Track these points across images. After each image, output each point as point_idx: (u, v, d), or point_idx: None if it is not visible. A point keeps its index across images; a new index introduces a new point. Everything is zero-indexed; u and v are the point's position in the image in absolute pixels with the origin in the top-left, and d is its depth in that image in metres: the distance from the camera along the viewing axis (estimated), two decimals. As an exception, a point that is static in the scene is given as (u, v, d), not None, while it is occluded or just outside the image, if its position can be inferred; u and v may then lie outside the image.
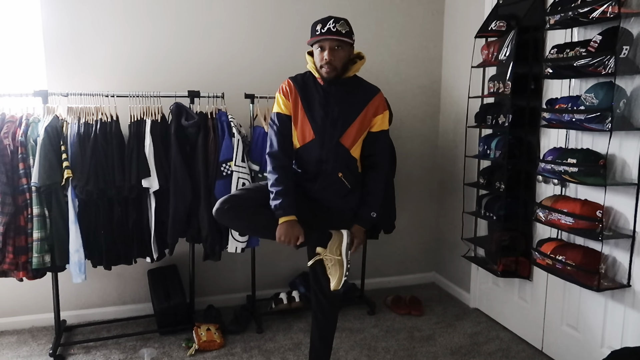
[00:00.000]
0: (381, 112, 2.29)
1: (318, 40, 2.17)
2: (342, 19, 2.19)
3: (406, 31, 3.71)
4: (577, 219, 2.39)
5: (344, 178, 2.26)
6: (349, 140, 2.24)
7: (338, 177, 2.26)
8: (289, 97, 2.26)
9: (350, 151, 2.26)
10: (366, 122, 2.26)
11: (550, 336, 2.87)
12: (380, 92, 2.31)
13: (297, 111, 2.26)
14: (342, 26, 2.17)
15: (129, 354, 2.88)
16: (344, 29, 2.17)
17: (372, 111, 2.26)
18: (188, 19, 3.25)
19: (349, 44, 2.20)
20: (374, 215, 2.32)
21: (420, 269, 4.03)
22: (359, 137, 2.26)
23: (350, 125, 2.23)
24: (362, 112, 2.24)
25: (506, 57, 2.78)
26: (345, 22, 2.20)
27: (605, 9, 2.17)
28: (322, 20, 2.19)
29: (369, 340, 3.08)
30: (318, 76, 2.23)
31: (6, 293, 3.12)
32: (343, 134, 2.23)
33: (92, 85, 3.04)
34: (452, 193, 3.72)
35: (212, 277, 3.47)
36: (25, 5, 3.03)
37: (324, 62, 2.16)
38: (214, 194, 2.87)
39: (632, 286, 2.33)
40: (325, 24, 2.16)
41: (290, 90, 2.26)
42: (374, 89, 2.31)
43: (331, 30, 2.14)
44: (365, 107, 2.25)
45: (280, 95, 2.29)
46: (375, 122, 2.28)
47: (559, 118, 2.44)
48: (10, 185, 2.65)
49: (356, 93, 2.26)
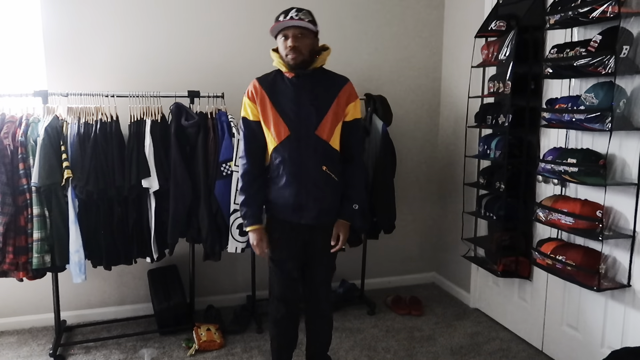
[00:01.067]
0: (353, 100, 2.28)
1: (281, 29, 2.16)
2: (304, 9, 2.20)
3: (406, 31, 3.70)
4: (577, 219, 2.39)
5: (328, 170, 2.24)
6: (325, 131, 2.22)
7: (323, 170, 2.23)
8: (255, 100, 2.25)
9: (330, 143, 2.24)
10: (340, 111, 2.25)
11: (550, 336, 2.87)
12: (349, 81, 2.30)
13: (267, 111, 2.23)
14: (305, 15, 2.17)
15: (129, 354, 2.88)
16: (306, 18, 2.17)
17: (344, 99, 2.25)
18: (188, 19, 3.26)
19: (312, 32, 2.19)
20: (355, 208, 2.32)
21: (420, 269, 4.03)
22: (335, 127, 2.24)
23: (325, 116, 2.21)
24: (335, 101, 2.23)
25: (506, 57, 2.78)
26: (308, 12, 2.20)
27: (605, 9, 2.17)
28: (284, 10, 2.19)
29: (369, 340, 3.08)
30: (285, 70, 2.21)
31: (6, 293, 3.12)
32: (318, 126, 2.20)
33: (92, 85, 3.04)
34: (452, 193, 3.72)
35: (212, 277, 3.47)
36: (25, 6, 3.03)
37: (288, 50, 2.15)
38: (214, 194, 2.88)
39: (632, 286, 2.33)
40: (287, 13, 2.16)
41: (256, 92, 2.25)
42: (343, 78, 2.30)
43: (293, 18, 2.14)
44: (337, 96, 2.23)
45: (246, 99, 2.28)
46: (348, 110, 2.27)
47: (559, 118, 2.44)
48: (10, 186, 2.65)
49: (326, 83, 2.25)
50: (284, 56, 2.19)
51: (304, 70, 2.20)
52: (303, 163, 2.21)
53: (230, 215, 2.88)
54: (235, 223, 2.88)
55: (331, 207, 2.31)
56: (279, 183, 2.25)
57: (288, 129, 2.20)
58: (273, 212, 2.33)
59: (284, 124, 2.20)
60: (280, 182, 2.25)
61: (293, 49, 2.14)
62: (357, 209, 2.32)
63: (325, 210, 2.28)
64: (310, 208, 2.25)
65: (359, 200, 2.33)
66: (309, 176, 2.22)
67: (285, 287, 2.38)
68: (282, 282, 2.38)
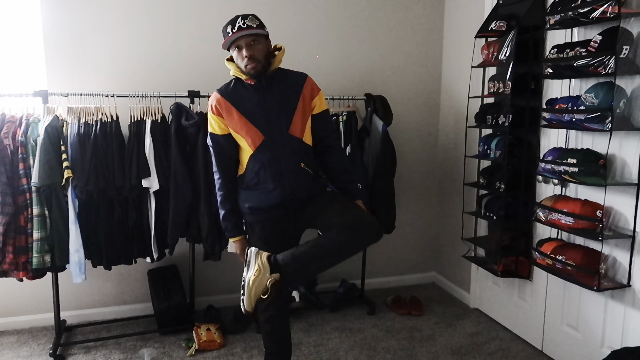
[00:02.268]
0: (317, 93, 2.30)
1: (232, 40, 2.17)
2: (249, 14, 2.19)
3: (406, 31, 3.71)
4: (577, 219, 2.39)
5: (306, 167, 2.25)
6: (297, 129, 2.23)
7: (301, 167, 2.24)
8: (221, 114, 2.23)
9: (303, 139, 2.26)
10: (307, 106, 2.27)
11: (550, 336, 2.87)
12: (308, 76, 2.32)
13: (236, 121, 2.22)
14: (252, 21, 2.17)
15: (129, 354, 2.88)
16: (254, 23, 2.17)
17: (309, 94, 2.27)
18: (188, 19, 3.25)
19: (263, 36, 2.20)
20: (360, 187, 2.38)
21: (420, 269, 4.03)
22: (305, 124, 2.26)
23: (294, 114, 2.22)
24: (300, 98, 2.24)
25: (506, 57, 2.78)
26: (254, 17, 2.20)
27: (605, 9, 2.16)
28: (230, 21, 2.19)
29: (369, 340, 3.08)
30: (245, 77, 2.22)
31: (6, 293, 3.12)
32: (290, 125, 2.21)
33: (92, 85, 3.04)
34: (452, 193, 3.72)
35: (212, 277, 3.47)
36: (25, 5, 3.03)
37: (246, 60, 2.16)
38: (214, 194, 2.87)
39: (632, 286, 2.33)
40: (234, 23, 2.16)
41: (220, 106, 2.23)
42: (301, 74, 2.32)
43: (242, 27, 2.14)
44: (301, 93, 2.25)
45: (211, 115, 2.27)
46: (315, 103, 2.29)
47: (559, 118, 2.44)
48: (10, 185, 2.65)
49: (287, 82, 2.26)
50: (243, 67, 2.19)
51: (264, 75, 2.21)
52: (283, 164, 2.21)
53: (230, 215, 2.88)
54: (235, 223, 2.88)
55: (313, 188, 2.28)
56: (262, 189, 2.23)
57: (262, 134, 2.20)
58: (254, 216, 2.29)
59: (257, 129, 2.20)
60: (263, 187, 2.23)
61: (250, 58, 2.15)
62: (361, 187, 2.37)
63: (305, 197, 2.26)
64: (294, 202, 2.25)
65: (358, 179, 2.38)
66: (290, 175, 2.22)
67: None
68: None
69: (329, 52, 3.51)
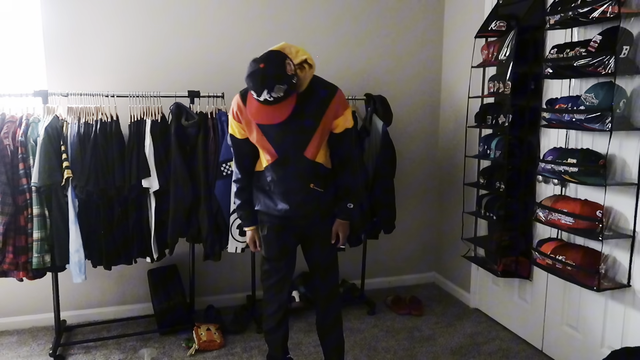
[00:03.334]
0: (341, 114, 2.19)
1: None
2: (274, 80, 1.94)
3: (406, 31, 3.70)
4: (577, 219, 2.39)
5: (315, 187, 2.26)
6: (312, 151, 2.21)
7: (310, 188, 2.25)
8: (240, 120, 2.21)
9: (316, 160, 2.24)
10: (327, 128, 2.20)
11: (550, 336, 2.87)
12: (337, 92, 2.19)
13: (254, 133, 2.20)
14: (278, 91, 1.95)
15: (129, 354, 2.88)
16: (280, 92, 1.95)
17: (332, 116, 2.18)
18: (188, 18, 3.26)
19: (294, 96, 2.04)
20: (350, 207, 2.34)
21: (420, 269, 4.03)
22: (322, 144, 2.23)
23: (313, 136, 2.17)
24: (322, 121, 2.16)
25: (506, 57, 2.78)
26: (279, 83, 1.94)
27: (605, 9, 2.16)
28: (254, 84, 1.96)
29: (369, 340, 3.08)
30: None
31: (6, 293, 3.13)
32: (306, 147, 2.18)
33: (92, 85, 3.04)
34: (452, 193, 3.72)
35: (212, 277, 3.47)
36: (25, 6, 3.03)
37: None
38: (214, 194, 2.88)
39: (632, 286, 2.33)
40: (258, 92, 1.96)
41: (241, 113, 2.19)
42: (330, 91, 2.17)
43: (268, 101, 1.97)
44: (324, 115, 2.15)
45: (231, 119, 2.25)
46: (337, 123, 2.21)
47: (559, 118, 2.44)
48: (11, 185, 2.65)
49: (312, 103, 2.13)
50: None
51: None
52: (291, 184, 2.24)
53: (230, 215, 2.88)
54: (235, 223, 2.89)
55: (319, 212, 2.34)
56: (270, 196, 2.30)
57: (275, 153, 2.20)
58: (264, 217, 2.37)
59: (271, 147, 2.19)
60: (271, 196, 2.30)
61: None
62: (353, 207, 2.35)
63: (313, 217, 2.34)
64: (299, 219, 2.32)
65: (354, 200, 2.35)
66: (297, 195, 2.25)
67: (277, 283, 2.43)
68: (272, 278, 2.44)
69: (329, 52, 3.51)
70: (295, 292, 3.40)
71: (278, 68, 1.96)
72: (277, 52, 2.05)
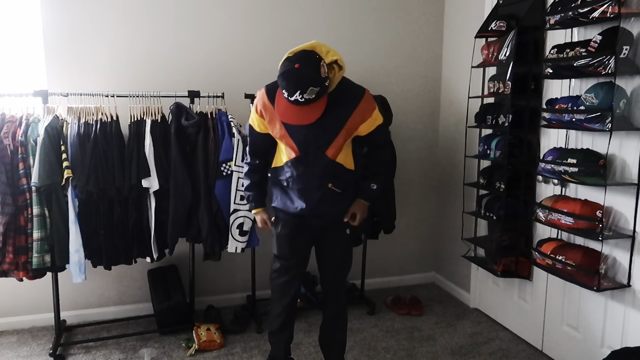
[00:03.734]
0: (368, 117, 2.20)
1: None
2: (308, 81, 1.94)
3: (406, 31, 3.70)
4: (577, 219, 2.39)
5: (333, 187, 2.26)
6: (335, 151, 2.21)
7: (328, 188, 2.25)
8: (264, 117, 2.22)
9: (336, 160, 2.24)
10: (352, 130, 2.20)
11: (550, 336, 2.87)
12: (365, 93, 2.19)
13: (277, 130, 2.20)
14: (310, 93, 1.95)
15: (129, 354, 2.88)
16: (312, 94, 1.96)
17: (359, 119, 2.17)
18: (188, 19, 3.25)
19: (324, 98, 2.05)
20: (374, 187, 2.34)
21: (420, 269, 4.03)
22: (343, 145, 2.23)
23: (336, 137, 2.17)
24: (347, 123, 2.16)
25: (506, 57, 2.78)
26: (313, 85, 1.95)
27: (605, 9, 2.16)
28: (287, 84, 1.97)
29: (369, 340, 3.08)
30: None
31: (6, 293, 3.12)
32: (328, 147, 2.19)
33: (92, 85, 3.04)
34: (452, 193, 3.72)
35: (212, 277, 3.47)
36: (25, 5, 3.03)
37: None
38: (214, 194, 2.88)
39: (632, 286, 2.33)
40: (291, 93, 1.97)
41: (265, 109, 2.20)
42: (357, 93, 2.17)
43: (299, 102, 1.98)
44: (351, 117, 2.15)
45: (254, 113, 2.26)
46: (363, 127, 2.21)
47: (559, 118, 2.44)
48: (10, 185, 2.65)
49: (339, 103, 2.13)
50: None
51: None
52: (310, 182, 2.24)
53: (230, 215, 2.88)
54: (235, 223, 2.88)
55: (335, 213, 2.34)
56: (287, 193, 2.31)
57: (298, 150, 2.20)
58: (280, 214, 2.38)
59: (294, 144, 2.19)
60: (288, 193, 2.31)
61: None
62: (376, 188, 2.34)
63: (329, 218, 2.34)
64: (314, 218, 2.32)
65: (378, 181, 2.35)
66: (315, 193, 2.25)
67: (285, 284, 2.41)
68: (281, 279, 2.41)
69: (329, 52, 3.51)
70: None
71: (313, 70, 1.96)
72: (312, 52, 2.04)
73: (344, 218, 2.34)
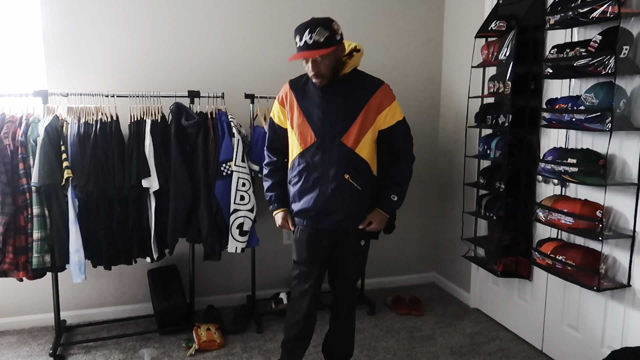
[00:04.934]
0: (386, 105, 2.22)
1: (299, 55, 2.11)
2: (318, 23, 2.07)
3: (406, 31, 3.71)
4: (577, 219, 2.39)
5: (351, 179, 2.21)
6: (351, 139, 2.19)
7: (344, 179, 2.20)
8: (285, 105, 2.30)
9: (356, 151, 2.21)
10: (369, 119, 2.20)
11: (550, 336, 2.87)
12: (383, 85, 2.24)
13: (295, 115, 2.26)
14: (320, 34, 2.05)
15: (129, 354, 2.88)
16: (321, 37, 2.05)
17: (375, 107, 2.20)
18: (188, 19, 3.26)
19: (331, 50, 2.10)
20: (394, 199, 2.31)
21: (420, 269, 4.03)
22: (362, 136, 2.20)
23: (352, 125, 2.18)
24: (364, 110, 2.18)
25: (506, 57, 2.78)
26: (323, 27, 2.07)
27: (605, 9, 2.16)
28: (298, 29, 2.09)
29: (369, 340, 3.08)
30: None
31: (6, 293, 3.12)
32: (344, 134, 2.18)
33: (92, 85, 3.05)
34: (452, 193, 3.72)
35: (212, 277, 3.47)
36: (25, 6, 3.03)
37: (311, 75, 2.15)
38: (214, 194, 2.88)
39: (632, 286, 2.33)
40: (301, 35, 2.07)
41: (286, 98, 2.29)
42: (375, 83, 2.24)
43: (308, 44, 2.05)
44: (367, 104, 2.19)
45: (276, 104, 2.35)
46: (382, 117, 2.22)
47: (559, 118, 2.44)
48: (10, 185, 2.65)
49: (356, 90, 2.20)
50: (310, 76, 2.18)
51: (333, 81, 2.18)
52: (326, 169, 2.21)
53: (230, 215, 2.88)
54: (235, 223, 2.88)
55: (351, 216, 2.28)
56: (301, 187, 2.27)
57: (315, 136, 2.21)
58: (297, 219, 2.34)
59: (311, 130, 2.21)
60: (302, 186, 2.27)
61: (315, 74, 2.14)
62: (396, 200, 2.31)
63: (344, 219, 2.26)
64: (328, 214, 2.25)
65: (399, 192, 2.32)
66: (329, 184, 2.21)
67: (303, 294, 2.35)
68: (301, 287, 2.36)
69: (329, 52, 3.51)
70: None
71: (325, 20, 2.12)
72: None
73: (360, 225, 2.29)
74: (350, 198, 2.24)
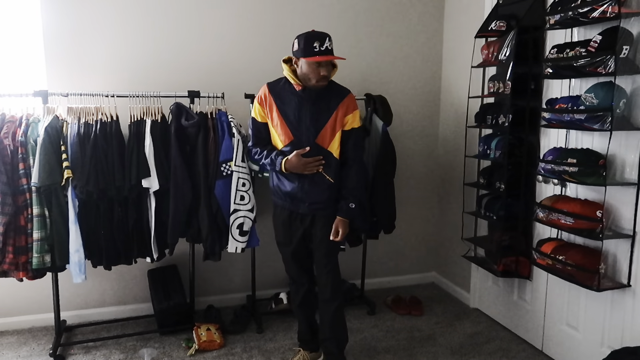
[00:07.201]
0: (351, 111, 2.49)
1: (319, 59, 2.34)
2: (327, 34, 2.37)
3: (406, 31, 3.71)
4: (577, 219, 2.39)
5: (324, 172, 2.48)
6: (325, 139, 2.46)
7: (319, 172, 2.47)
8: (264, 105, 2.52)
9: (328, 149, 2.48)
10: (338, 122, 2.47)
11: (550, 336, 2.87)
12: (350, 93, 2.53)
13: (274, 116, 2.49)
14: (330, 43, 2.37)
15: (129, 354, 2.88)
16: (331, 46, 2.38)
17: (343, 111, 2.47)
18: (188, 19, 3.26)
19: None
20: (352, 207, 2.51)
21: (420, 269, 4.03)
22: (333, 136, 2.47)
23: (324, 127, 2.45)
24: (334, 114, 2.46)
25: (506, 57, 2.78)
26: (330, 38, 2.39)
27: (605, 9, 2.17)
28: (317, 37, 2.34)
29: (369, 340, 3.08)
30: (295, 83, 2.43)
31: (6, 293, 3.12)
32: (318, 135, 2.45)
33: (92, 85, 3.04)
34: (452, 193, 3.72)
35: (212, 277, 3.48)
36: (25, 5, 3.03)
37: (320, 78, 2.37)
38: (214, 194, 2.88)
39: (632, 286, 2.33)
40: (322, 42, 2.33)
41: (265, 98, 2.51)
42: (344, 91, 2.52)
43: (329, 50, 2.34)
44: (337, 109, 2.46)
45: (256, 103, 2.55)
46: (347, 120, 2.48)
47: (559, 118, 2.44)
48: (10, 185, 2.65)
49: (328, 96, 2.47)
50: (313, 80, 2.38)
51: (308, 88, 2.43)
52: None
53: (230, 215, 2.88)
54: (235, 223, 2.88)
55: (324, 201, 2.52)
56: (281, 176, 2.54)
57: (292, 136, 2.47)
58: (275, 198, 2.63)
59: (288, 130, 2.47)
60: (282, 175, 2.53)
61: (324, 78, 2.38)
62: (354, 207, 2.51)
63: (318, 203, 2.51)
64: (304, 200, 2.51)
65: (355, 199, 2.52)
66: (306, 176, 2.48)
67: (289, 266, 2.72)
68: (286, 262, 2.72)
69: (329, 52, 3.51)
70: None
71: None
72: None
73: (330, 237, 2.50)
74: (323, 187, 2.50)
